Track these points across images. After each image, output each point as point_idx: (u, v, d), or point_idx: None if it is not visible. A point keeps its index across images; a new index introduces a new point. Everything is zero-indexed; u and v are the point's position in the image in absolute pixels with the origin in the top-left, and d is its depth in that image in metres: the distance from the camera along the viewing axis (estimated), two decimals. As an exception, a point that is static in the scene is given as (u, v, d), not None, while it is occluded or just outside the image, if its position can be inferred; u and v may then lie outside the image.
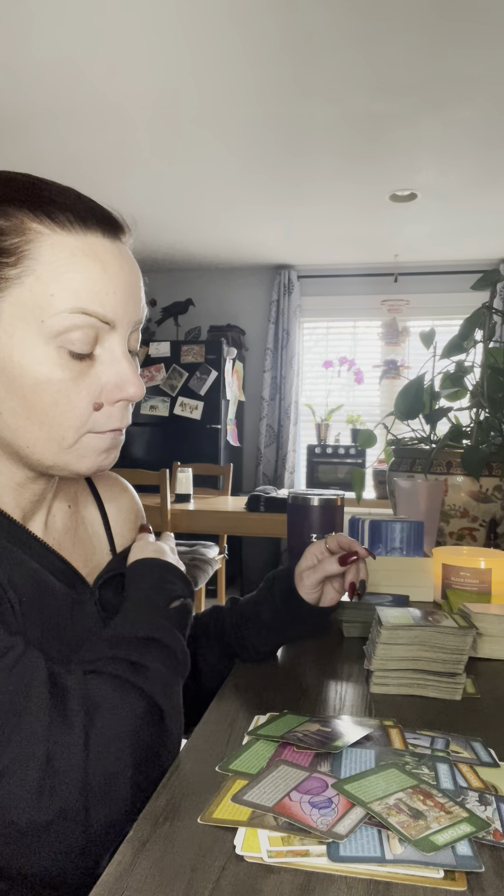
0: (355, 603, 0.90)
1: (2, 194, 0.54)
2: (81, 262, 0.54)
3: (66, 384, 0.55)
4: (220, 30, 2.25)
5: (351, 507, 1.44)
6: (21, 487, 0.61)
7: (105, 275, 0.55)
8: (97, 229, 0.56)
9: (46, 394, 0.54)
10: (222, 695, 0.68)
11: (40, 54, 2.42)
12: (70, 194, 0.56)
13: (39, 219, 0.54)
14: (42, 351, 0.54)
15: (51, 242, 0.54)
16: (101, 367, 0.57)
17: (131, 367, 0.58)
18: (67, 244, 0.54)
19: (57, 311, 0.53)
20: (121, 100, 2.75)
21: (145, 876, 0.40)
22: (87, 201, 0.57)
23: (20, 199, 0.54)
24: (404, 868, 0.41)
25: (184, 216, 4.16)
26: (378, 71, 2.48)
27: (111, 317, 0.56)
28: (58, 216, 0.54)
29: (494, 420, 1.32)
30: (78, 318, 0.54)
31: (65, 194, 0.56)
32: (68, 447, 0.57)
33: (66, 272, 0.54)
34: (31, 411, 0.55)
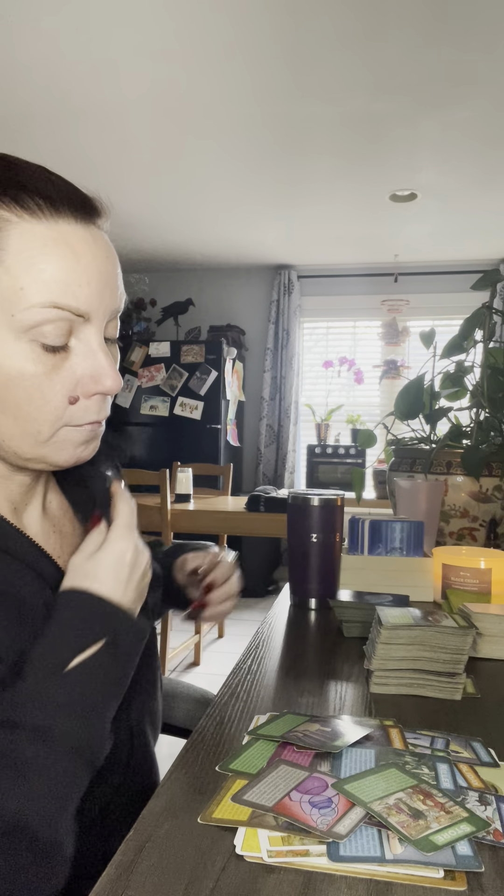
0: (355, 603, 0.90)
1: None
2: (52, 252, 0.51)
3: (40, 378, 0.53)
4: (220, 30, 2.25)
5: (351, 507, 1.44)
6: (6, 479, 0.60)
7: (78, 265, 0.52)
8: (69, 215, 0.53)
9: (19, 388, 0.53)
10: (222, 695, 0.68)
11: (40, 55, 2.42)
12: (40, 176, 0.53)
13: (7, 205, 0.51)
14: (13, 345, 0.52)
15: (20, 231, 0.51)
16: (77, 359, 0.54)
17: (108, 358, 0.55)
18: (37, 233, 0.51)
19: (27, 306, 0.51)
20: (120, 100, 2.75)
21: (145, 876, 0.40)
22: (58, 183, 0.53)
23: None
24: (404, 868, 0.41)
25: (184, 216, 4.16)
26: (378, 71, 2.49)
27: (85, 309, 0.53)
28: (27, 202, 0.51)
29: (494, 420, 1.32)
30: (50, 312, 0.51)
31: (34, 176, 0.52)
32: (45, 441, 0.56)
33: (37, 263, 0.51)
34: (5, 406, 0.53)
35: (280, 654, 0.81)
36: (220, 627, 3.88)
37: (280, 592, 1.11)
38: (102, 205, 0.56)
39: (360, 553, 1.10)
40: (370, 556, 1.08)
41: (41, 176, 0.53)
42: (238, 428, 5.20)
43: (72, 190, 0.54)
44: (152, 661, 0.71)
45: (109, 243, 0.57)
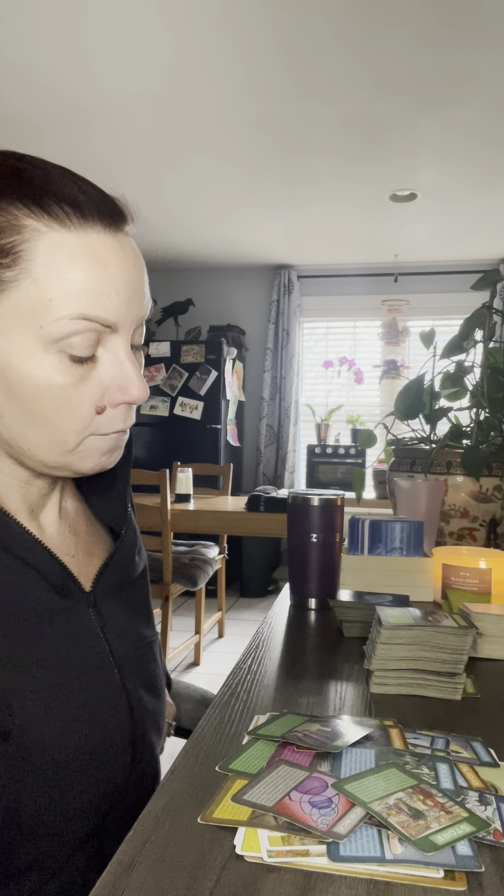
0: (355, 603, 0.90)
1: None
2: (81, 264, 0.51)
3: (68, 389, 0.53)
4: (220, 31, 2.25)
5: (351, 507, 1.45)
6: (26, 484, 0.60)
7: (106, 275, 0.52)
8: (98, 223, 0.52)
9: (47, 399, 0.52)
10: (222, 695, 0.68)
11: (40, 55, 2.42)
12: (67, 182, 0.52)
13: (35, 214, 0.50)
14: (41, 356, 0.51)
15: (48, 241, 0.50)
16: (104, 368, 0.54)
17: (134, 368, 0.55)
18: (66, 243, 0.50)
19: (56, 317, 0.50)
20: (120, 100, 2.75)
21: (145, 876, 0.40)
22: (86, 189, 0.52)
23: (13, 190, 0.50)
24: (404, 868, 0.41)
25: (184, 216, 4.16)
26: (377, 71, 2.49)
27: (113, 320, 0.53)
28: (55, 210, 0.50)
29: (494, 420, 1.32)
30: (78, 323, 0.51)
31: (62, 182, 0.52)
32: (71, 450, 0.56)
33: (65, 274, 0.50)
34: (33, 416, 0.53)
35: (280, 654, 0.81)
36: (220, 627, 3.88)
37: (280, 592, 1.11)
38: (129, 210, 0.55)
39: (360, 553, 1.10)
40: (370, 556, 1.08)
41: (69, 182, 0.52)
42: (238, 428, 5.20)
43: (100, 196, 0.53)
44: (153, 666, 0.71)
45: (137, 250, 0.56)
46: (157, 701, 0.69)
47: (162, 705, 0.71)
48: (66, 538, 0.65)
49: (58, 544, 0.64)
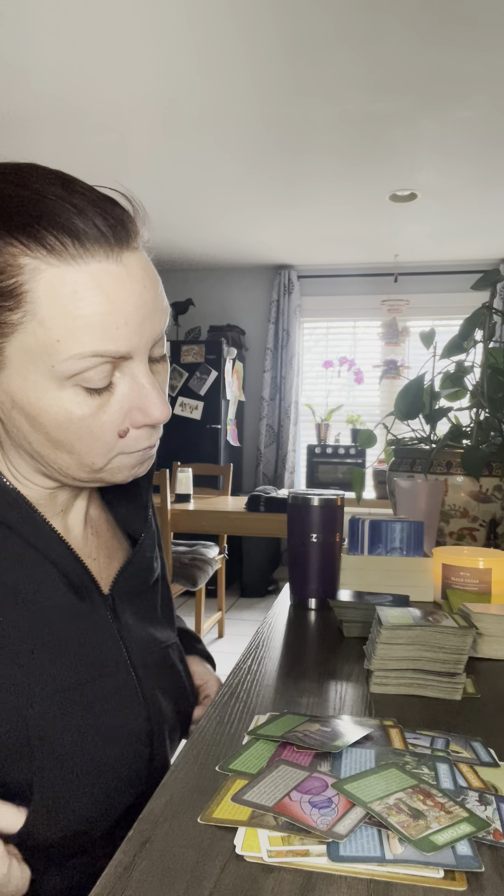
0: (355, 603, 0.90)
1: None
2: (85, 299, 0.49)
3: (87, 420, 0.52)
4: (220, 31, 2.25)
5: (351, 507, 1.45)
6: (57, 490, 0.62)
7: (112, 307, 0.50)
8: (99, 250, 0.49)
9: (69, 430, 0.53)
10: (222, 695, 0.68)
11: (41, 56, 2.42)
12: (63, 206, 0.48)
13: (32, 251, 0.48)
14: (58, 392, 0.51)
15: (48, 279, 0.48)
16: (122, 393, 0.54)
17: (154, 389, 0.54)
18: (67, 278, 0.48)
19: (66, 357, 0.49)
20: (121, 100, 2.75)
21: (145, 876, 0.40)
22: (84, 210, 0.49)
23: (6, 225, 0.48)
24: (404, 868, 0.41)
25: (184, 216, 4.16)
26: (377, 71, 2.49)
27: (125, 350, 0.51)
28: (52, 243, 0.48)
29: (494, 420, 1.32)
30: (90, 360, 0.50)
31: (58, 207, 0.48)
32: (100, 469, 0.56)
33: (70, 311, 0.49)
34: (58, 444, 0.54)
35: (280, 654, 0.81)
36: (220, 627, 3.88)
37: (280, 592, 1.11)
38: (135, 223, 0.52)
39: (360, 553, 1.10)
40: (370, 556, 1.08)
41: (66, 205, 0.48)
42: (238, 428, 5.20)
43: (100, 217, 0.49)
44: (173, 671, 0.71)
45: (146, 264, 0.53)
46: (177, 705, 0.69)
47: (183, 709, 0.71)
48: (90, 540, 0.66)
49: (80, 545, 0.65)
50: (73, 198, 0.49)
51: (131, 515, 0.72)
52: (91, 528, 0.67)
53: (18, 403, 0.52)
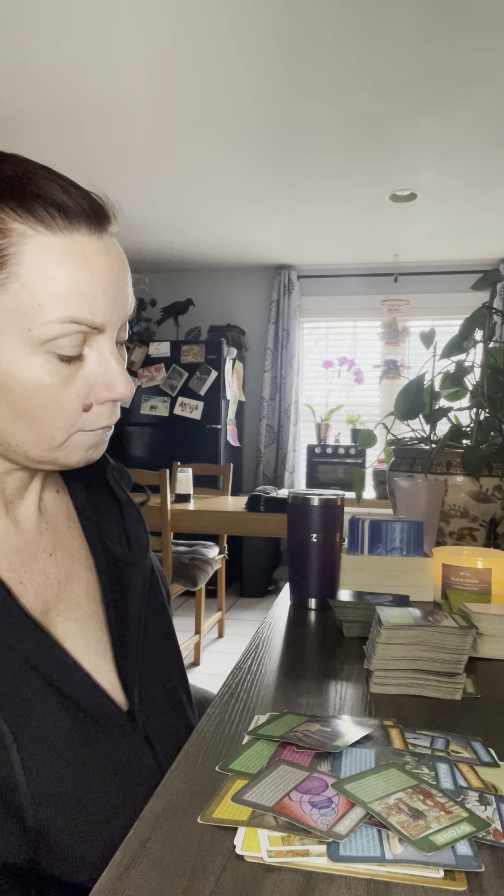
0: (355, 603, 0.90)
1: None
2: (68, 267, 0.51)
3: (55, 389, 0.54)
4: (220, 31, 2.25)
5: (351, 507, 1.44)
6: (5, 475, 0.60)
7: (93, 278, 0.53)
8: (83, 225, 0.53)
9: (36, 399, 0.53)
10: (222, 695, 0.68)
11: (41, 56, 2.42)
12: (52, 184, 0.52)
13: (22, 218, 0.51)
14: (29, 357, 0.52)
15: (35, 245, 0.51)
16: (90, 367, 0.55)
17: (120, 366, 0.56)
18: (53, 246, 0.51)
19: (45, 321, 0.51)
20: (121, 100, 2.75)
21: (145, 876, 0.40)
22: (70, 190, 0.53)
23: (0, 194, 0.51)
24: (404, 868, 0.41)
25: (184, 216, 4.16)
26: (377, 70, 2.49)
27: (100, 321, 0.54)
28: (42, 214, 0.51)
29: (494, 420, 1.32)
30: (66, 326, 0.52)
31: (47, 184, 0.52)
32: (58, 446, 0.56)
33: (53, 277, 0.51)
34: (21, 414, 0.54)
35: (280, 654, 0.81)
36: (220, 627, 3.88)
37: (280, 592, 1.11)
38: (113, 210, 0.56)
39: (360, 553, 1.10)
40: (370, 556, 1.08)
41: (54, 184, 0.52)
42: (238, 428, 5.20)
43: (84, 198, 0.53)
44: (176, 678, 0.70)
45: (120, 249, 0.57)
46: (178, 715, 0.68)
47: (188, 723, 0.70)
48: (44, 535, 0.64)
49: (35, 540, 0.63)
50: (59, 179, 0.53)
51: (90, 505, 0.70)
52: (46, 523, 0.65)
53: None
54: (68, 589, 0.63)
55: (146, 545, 0.71)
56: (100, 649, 0.63)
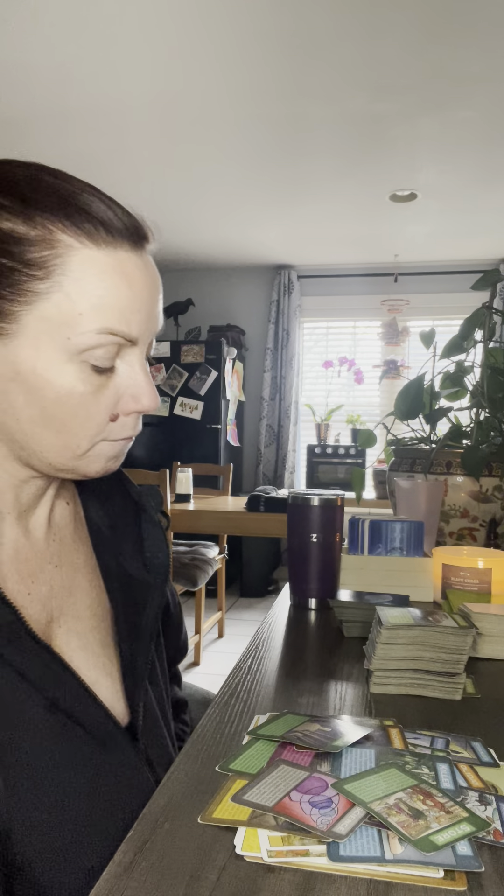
0: (355, 603, 0.90)
1: (29, 198, 0.52)
2: (111, 281, 0.54)
3: (87, 397, 0.55)
4: (219, 30, 2.25)
5: (351, 507, 1.44)
6: (24, 484, 0.60)
7: (132, 293, 0.55)
8: (125, 242, 0.55)
9: (67, 406, 0.55)
10: (222, 695, 0.68)
11: (40, 56, 2.42)
12: (98, 201, 0.54)
13: (70, 231, 0.53)
14: (65, 365, 0.54)
15: (81, 258, 0.53)
16: (120, 379, 0.57)
17: (147, 378, 0.58)
18: (98, 260, 0.53)
19: (84, 330, 0.53)
20: (120, 100, 2.75)
21: (145, 876, 0.40)
22: (115, 210, 0.55)
23: (50, 206, 0.53)
24: (404, 868, 0.41)
25: (184, 216, 4.16)
26: (378, 70, 2.49)
27: (135, 335, 0.56)
28: (88, 228, 0.53)
29: (494, 420, 1.32)
30: (104, 337, 0.54)
31: (94, 201, 0.54)
32: (81, 454, 0.57)
33: (96, 290, 0.53)
34: (50, 421, 0.55)
35: (280, 654, 0.81)
36: (220, 627, 3.88)
37: (280, 592, 1.11)
38: (151, 230, 0.59)
39: (360, 553, 1.10)
40: (370, 556, 1.08)
41: (100, 201, 0.55)
42: (238, 428, 5.20)
43: (126, 216, 0.56)
44: (167, 701, 0.70)
45: (155, 267, 0.59)
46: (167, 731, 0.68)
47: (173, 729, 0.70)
48: (52, 546, 0.64)
49: (43, 550, 0.63)
50: (104, 197, 0.56)
51: (102, 518, 0.70)
52: (53, 534, 0.65)
53: (22, 374, 0.53)
54: (70, 601, 0.63)
55: (166, 570, 0.71)
56: (98, 664, 0.62)
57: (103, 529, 0.70)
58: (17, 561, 0.60)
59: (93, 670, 0.62)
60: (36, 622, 0.59)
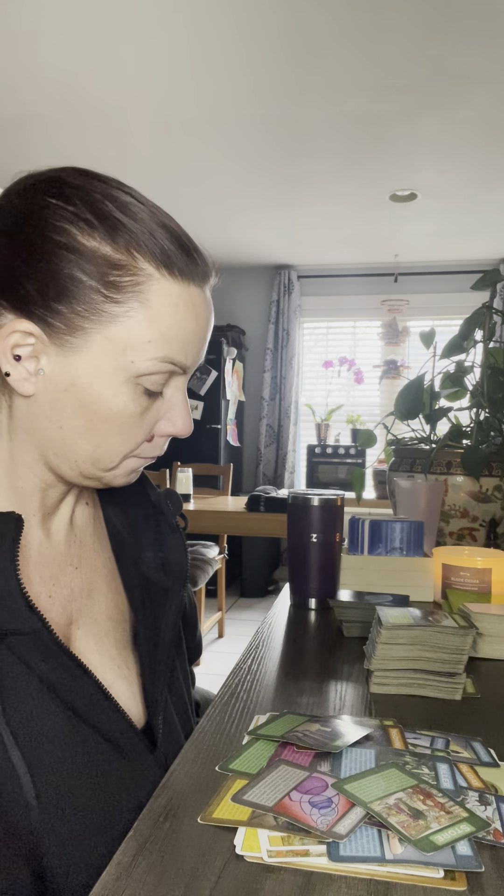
0: (355, 603, 0.90)
1: (118, 221, 0.54)
2: (181, 313, 0.56)
3: (135, 418, 0.57)
4: (219, 30, 2.25)
5: (351, 507, 1.44)
6: (49, 487, 0.61)
7: (196, 326, 0.58)
8: (196, 277, 0.58)
9: (114, 423, 0.56)
10: (222, 695, 0.68)
11: (41, 56, 2.42)
12: (181, 236, 0.58)
13: (152, 260, 0.55)
14: (121, 385, 0.56)
15: (158, 287, 0.55)
16: (162, 403, 0.60)
17: (187, 406, 0.62)
18: (172, 292, 0.56)
19: (148, 357, 0.55)
20: (121, 100, 2.75)
21: (145, 876, 0.40)
22: (192, 245, 0.58)
23: (137, 233, 0.55)
24: (404, 868, 0.41)
25: (184, 216, 4.13)
26: (378, 70, 2.49)
27: (189, 365, 0.59)
28: (169, 261, 0.56)
29: (494, 420, 1.32)
30: (164, 365, 0.56)
31: (177, 234, 0.57)
32: (111, 468, 0.59)
33: (167, 321, 0.55)
34: (94, 434, 0.57)
35: (280, 654, 0.81)
36: (220, 627, 3.88)
37: (280, 592, 1.11)
38: (215, 270, 0.62)
39: (360, 553, 1.10)
40: (370, 556, 1.08)
41: (182, 236, 0.58)
42: (238, 428, 5.20)
43: (199, 255, 0.59)
44: (189, 706, 0.70)
45: (212, 305, 0.62)
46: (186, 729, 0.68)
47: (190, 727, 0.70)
48: (72, 547, 0.65)
49: (64, 552, 0.64)
50: (184, 231, 0.59)
51: (121, 521, 0.71)
52: (74, 536, 0.66)
53: (77, 386, 0.55)
54: (88, 604, 0.64)
55: (185, 575, 0.72)
56: (114, 667, 0.63)
57: (123, 532, 0.71)
58: (39, 563, 0.61)
59: (108, 673, 0.62)
60: (57, 625, 0.59)
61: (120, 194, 0.56)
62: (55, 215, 0.53)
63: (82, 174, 0.57)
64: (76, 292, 0.53)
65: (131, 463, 0.60)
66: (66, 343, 0.54)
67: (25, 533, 0.60)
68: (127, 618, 0.67)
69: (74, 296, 0.53)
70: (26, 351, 0.54)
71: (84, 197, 0.54)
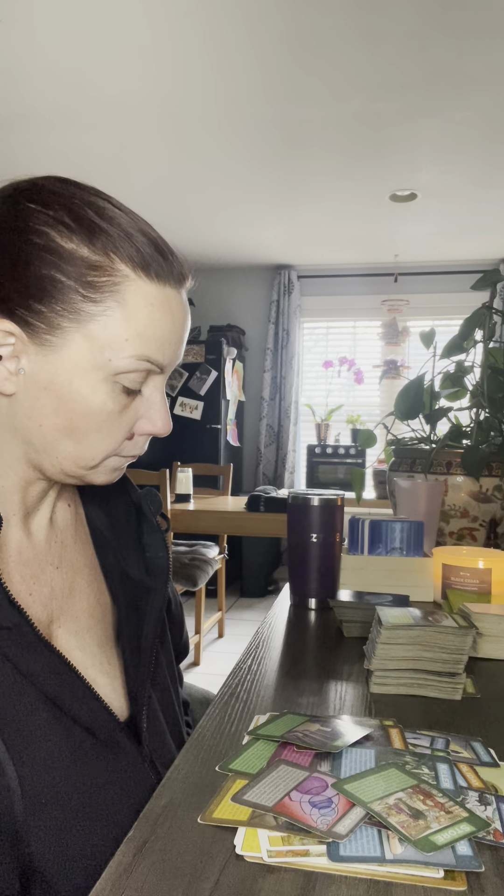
0: (355, 603, 0.90)
1: (96, 225, 0.56)
2: (157, 313, 0.58)
3: (113, 415, 0.58)
4: (220, 30, 2.25)
5: (351, 507, 1.44)
6: (30, 485, 0.62)
7: (172, 327, 0.59)
8: (172, 279, 0.60)
9: (94, 421, 0.58)
10: (222, 695, 0.68)
11: (41, 55, 2.42)
12: (157, 240, 0.59)
13: (128, 261, 0.56)
14: (101, 383, 0.57)
15: (135, 288, 0.57)
16: (141, 401, 0.61)
17: (165, 405, 0.63)
18: (149, 293, 0.57)
19: (126, 355, 0.57)
20: (121, 100, 2.75)
21: (145, 876, 0.40)
22: (167, 248, 0.60)
23: (114, 235, 0.56)
24: (404, 868, 0.41)
25: (183, 216, 4.16)
26: (378, 70, 2.49)
27: (166, 364, 0.60)
28: (146, 263, 0.57)
29: (494, 420, 1.32)
30: (141, 363, 0.58)
31: (153, 238, 0.59)
32: (93, 466, 0.60)
33: (143, 320, 0.57)
34: (74, 432, 0.58)
35: (280, 654, 0.81)
36: (220, 627, 3.88)
37: (280, 592, 1.11)
38: (191, 273, 0.64)
39: (360, 553, 1.10)
40: (370, 556, 1.08)
41: (159, 240, 0.60)
42: (238, 428, 5.20)
43: (175, 258, 0.61)
44: (176, 702, 0.70)
45: (188, 306, 0.64)
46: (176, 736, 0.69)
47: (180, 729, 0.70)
48: (53, 547, 0.65)
49: (44, 552, 0.64)
50: (159, 236, 0.61)
51: (102, 519, 0.71)
52: (55, 535, 0.66)
53: (56, 384, 0.56)
54: (69, 603, 0.64)
55: (167, 573, 0.72)
56: (95, 664, 0.64)
57: (104, 532, 0.71)
58: (19, 563, 0.61)
59: (90, 669, 0.63)
60: (38, 623, 0.60)
61: (98, 200, 0.58)
62: (35, 219, 0.55)
63: (62, 182, 0.58)
64: (55, 293, 0.55)
65: (113, 461, 0.62)
66: (45, 342, 0.55)
67: (5, 532, 0.61)
68: (109, 616, 0.68)
69: (54, 296, 0.55)
70: (7, 351, 0.56)
71: (63, 202, 0.56)
